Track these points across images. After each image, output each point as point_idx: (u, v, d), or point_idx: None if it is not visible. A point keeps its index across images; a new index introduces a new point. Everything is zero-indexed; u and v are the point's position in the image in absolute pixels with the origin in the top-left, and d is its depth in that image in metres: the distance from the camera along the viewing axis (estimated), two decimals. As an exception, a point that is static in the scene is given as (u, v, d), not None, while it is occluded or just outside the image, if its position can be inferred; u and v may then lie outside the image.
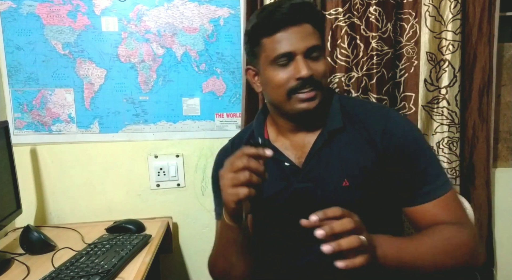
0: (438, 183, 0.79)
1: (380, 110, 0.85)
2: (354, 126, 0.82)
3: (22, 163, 1.27)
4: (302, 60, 0.76)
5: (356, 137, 0.81)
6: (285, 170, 0.83)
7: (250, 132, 0.92)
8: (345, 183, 0.79)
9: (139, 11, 1.28)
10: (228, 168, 0.67)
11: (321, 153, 0.82)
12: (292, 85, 0.77)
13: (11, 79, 1.26)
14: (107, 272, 0.87)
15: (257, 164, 0.66)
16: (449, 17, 1.25)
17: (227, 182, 0.67)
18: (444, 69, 1.28)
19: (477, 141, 1.34)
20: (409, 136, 0.81)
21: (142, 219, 1.26)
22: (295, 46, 0.76)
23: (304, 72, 0.75)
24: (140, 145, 1.34)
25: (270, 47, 0.78)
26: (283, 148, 0.86)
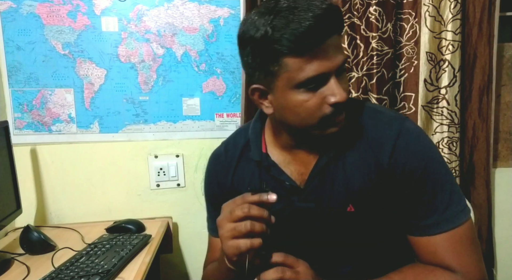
0: (446, 216, 0.68)
1: (392, 123, 0.71)
2: (363, 143, 0.71)
3: (22, 163, 1.27)
4: (335, 82, 0.63)
5: (364, 156, 0.71)
6: (286, 188, 0.74)
7: (245, 142, 0.80)
8: (349, 209, 0.71)
9: (139, 11, 1.28)
10: (227, 217, 0.60)
11: (326, 171, 0.72)
12: (326, 112, 0.64)
13: (11, 79, 1.26)
14: (107, 272, 0.87)
15: (260, 211, 0.59)
16: (449, 17, 1.25)
17: (226, 234, 0.60)
18: (444, 69, 1.28)
19: (477, 141, 1.34)
20: (420, 157, 0.69)
21: (142, 219, 1.26)
22: (328, 67, 0.62)
23: (341, 97, 0.63)
24: (140, 145, 1.34)
25: (296, 68, 0.61)
26: (284, 163, 0.75)
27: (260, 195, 0.60)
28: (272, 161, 0.75)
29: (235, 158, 0.80)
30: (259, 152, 0.76)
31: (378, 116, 0.73)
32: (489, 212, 1.36)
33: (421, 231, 0.69)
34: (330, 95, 0.63)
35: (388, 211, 0.72)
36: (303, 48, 0.60)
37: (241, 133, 0.84)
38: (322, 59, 0.61)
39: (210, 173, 0.85)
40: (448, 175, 0.71)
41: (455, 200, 0.69)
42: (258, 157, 0.76)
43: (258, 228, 0.59)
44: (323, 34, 0.60)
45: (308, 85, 0.63)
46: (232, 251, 0.60)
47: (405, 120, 0.73)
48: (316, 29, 0.59)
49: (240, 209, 0.59)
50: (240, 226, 0.59)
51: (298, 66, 0.61)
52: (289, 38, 0.59)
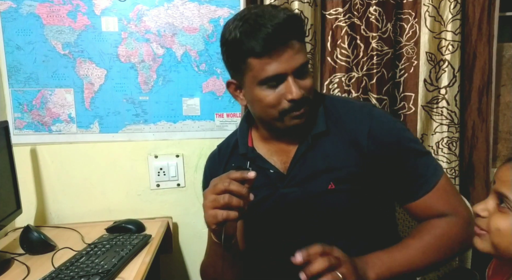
0: (430, 173, 0.79)
1: (363, 109, 0.83)
2: (338, 128, 0.81)
3: (22, 163, 1.27)
4: (292, 82, 0.73)
5: (340, 140, 0.80)
6: (270, 177, 0.83)
7: (235, 140, 0.90)
8: (330, 186, 0.79)
9: (139, 11, 1.28)
10: (211, 189, 0.68)
11: (306, 157, 0.81)
12: (284, 107, 0.75)
13: (11, 79, 1.26)
14: (107, 272, 0.87)
15: (239, 187, 0.66)
16: (449, 17, 1.25)
17: (208, 204, 0.67)
18: (443, 69, 1.28)
19: (477, 141, 1.34)
20: (394, 134, 0.80)
21: (142, 219, 1.26)
22: (285, 67, 0.72)
23: (296, 94, 0.73)
24: (140, 145, 1.34)
25: (258, 68, 0.73)
26: (268, 154, 0.85)
27: (242, 172, 0.67)
28: (258, 153, 0.85)
29: (226, 154, 0.91)
30: (245, 146, 0.86)
31: (349, 105, 0.85)
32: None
33: (414, 196, 0.79)
34: (287, 92, 0.74)
35: (367, 187, 0.80)
36: (263, 51, 0.71)
37: (233, 134, 0.95)
38: (280, 61, 0.72)
39: (206, 172, 0.96)
40: (417, 141, 0.84)
41: (430, 159, 0.81)
42: (244, 150, 0.86)
43: (235, 202, 0.66)
44: (280, 40, 0.71)
45: (268, 82, 0.74)
46: (211, 219, 0.67)
47: (374, 106, 0.87)
48: (274, 35, 0.70)
49: (222, 183, 0.66)
50: (219, 198, 0.66)
51: (260, 66, 0.72)
52: (252, 42, 0.71)
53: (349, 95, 1.29)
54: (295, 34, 0.73)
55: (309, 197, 0.80)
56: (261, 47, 0.70)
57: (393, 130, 0.80)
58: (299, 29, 0.76)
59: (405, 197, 0.81)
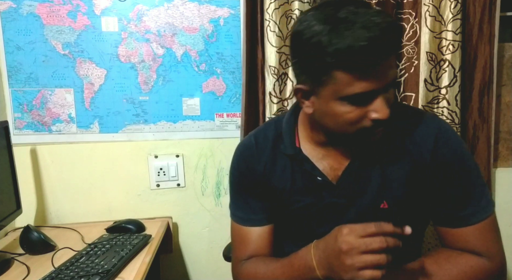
0: (479, 207, 0.72)
1: (431, 123, 0.73)
2: (401, 141, 0.73)
3: (22, 163, 1.27)
4: (382, 100, 0.62)
5: (402, 154, 0.72)
6: (317, 184, 0.75)
7: (277, 133, 0.80)
8: (383, 205, 0.72)
9: (139, 11, 1.28)
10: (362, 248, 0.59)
11: (361, 168, 0.73)
12: (366, 125, 0.65)
13: (11, 79, 1.26)
14: (107, 272, 0.87)
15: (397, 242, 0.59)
16: (449, 17, 1.25)
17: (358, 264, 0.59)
18: (444, 69, 1.27)
19: (477, 141, 1.34)
20: (459, 157, 0.72)
21: (142, 219, 1.26)
22: (377, 85, 0.61)
23: (384, 115, 0.62)
24: (140, 145, 1.34)
25: (344, 82, 0.61)
26: (317, 158, 0.76)
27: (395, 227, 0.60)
28: (305, 156, 0.75)
29: (267, 149, 0.80)
30: (292, 146, 0.76)
31: (416, 115, 0.75)
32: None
33: (458, 223, 0.72)
34: (373, 111, 0.63)
35: (420, 207, 0.74)
36: (355, 67, 0.59)
37: (270, 126, 0.83)
38: (373, 78, 0.60)
39: (239, 161, 0.83)
40: (478, 169, 0.75)
41: (485, 192, 0.74)
42: (292, 151, 0.76)
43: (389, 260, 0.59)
44: (377, 56, 0.59)
45: (354, 99, 0.62)
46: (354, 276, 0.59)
47: (440, 119, 0.77)
48: (371, 51, 0.57)
49: (379, 243, 0.59)
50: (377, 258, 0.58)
51: (347, 81, 0.61)
52: (342, 55, 0.58)
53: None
54: (393, 49, 0.62)
55: (357, 212, 0.73)
56: (353, 62, 0.59)
57: (457, 150, 0.73)
58: (397, 41, 0.64)
59: (445, 221, 0.74)
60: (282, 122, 0.81)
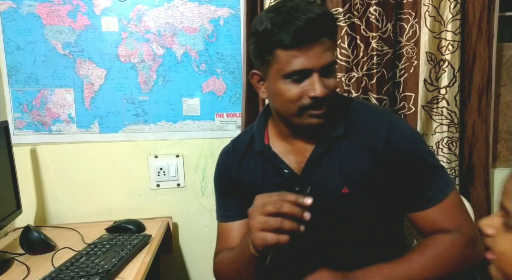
0: (440, 187, 0.78)
1: (383, 115, 0.82)
2: (356, 133, 0.80)
3: (22, 163, 1.27)
4: (317, 79, 0.72)
5: (358, 145, 0.79)
6: (285, 176, 0.82)
7: (251, 137, 0.89)
8: (344, 190, 0.78)
9: (139, 11, 1.28)
10: (259, 210, 0.64)
11: (321, 159, 0.80)
12: (305, 103, 0.74)
13: (11, 79, 1.26)
14: (107, 272, 0.87)
15: (292, 209, 0.62)
16: (449, 17, 1.25)
17: (257, 225, 0.64)
18: (443, 69, 1.28)
19: (477, 141, 1.34)
20: (412, 143, 0.79)
21: (142, 219, 1.26)
22: (312, 64, 0.71)
23: (320, 92, 0.71)
24: (140, 145, 1.34)
25: (284, 61, 0.72)
26: (284, 153, 0.84)
27: (297, 196, 0.63)
28: (273, 152, 0.83)
29: (241, 151, 0.89)
30: (262, 144, 0.85)
31: (370, 110, 0.84)
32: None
33: (422, 205, 0.78)
34: (310, 89, 0.72)
35: (381, 193, 0.79)
36: (292, 43, 0.70)
37: (248, 130, 0.94)
38: (308, 57, 0.71)
39: (220, 166, 0.94)
40: (433, 154, 0.83)
41: (443, 174, 0.80)
42: (261, 147, 0.84)
43: (287, 226, 0.62)
44: (312, 34, 0.70)
45: (293, 76, 0.72)
46: (260, 242, 0.64)
47: (394, 113, 0.86)
48: (306, 29, 0.69)
49: (273, 205, 0.62)
50: (270, 221, 0.62)
51: (287, 59, 0.72)
52: (282, 34, 0.70)
53: (349, 95, 1.29)
54: (327, 31, 0.72)
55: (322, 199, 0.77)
56: (291, 39, 0.70)
57: (410, 139, 0.80)
58: (332, 26, 0.74)
59: (411, 206, 0.80)
60: None
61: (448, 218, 0.77)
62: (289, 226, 0.62)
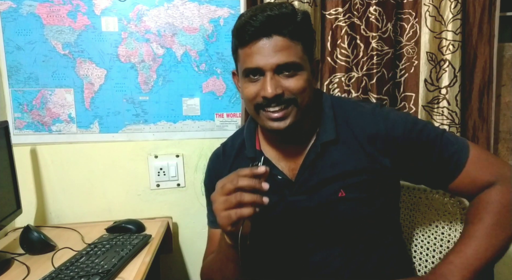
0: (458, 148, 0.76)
1: (373, 111, 0.80)
2: (348, 134, 0.78)
3: (22, 163, 1.27)
4: (268, 78, 0.71)
5: (350, 146, 0.78)
6: (279, 183, 0.80)
7: (241, 141, 0.87)
8: (341, 194, 0.77)
9: (139, 11, 1.28)
10: (219, 191, 0.64)
11: (315, 165, 0.78)
12: (258, 102, 0.74)
13: (11, 79, 1.26)
14: (107, 272, 0.87)
15: (249, 181, 0.62)
16: (449, 17, 1.25)
17: (219, 206, 0.64)
18: (444, 69, 1.28)
19: (477, 141, 1.34)
20: (408, 130, 0.77)
21: (142, 219, 1.26)
22: (263, 62, 0.71)
23: (267, 92, 0.70)
24: (140, 145, 1.34)
25: (242, 59, 0.74)
26: (276, 159, 0.82)
27: (251, 168, 0.63)
28: (266, 157, 0.81)
29: (231, 156, 0.88)
30: (253, 149, 0.83)
31: (359, 108, 0.81)
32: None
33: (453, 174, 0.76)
34: (262, 88, 0.72)
35: (377, 192, 0.78)
36: (246, 41, 0.72)
37: (238, 134, 0.92)
38: (260, 55, 0.71)
39: (210, 170, 0.93)
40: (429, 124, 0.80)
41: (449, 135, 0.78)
42: (252, 153, 0.83)
43: (247, 198, 0.61)
44: (263, 32, 0.70)
45: (250, 75, 0.73)
46: (225, 221, 0.63)
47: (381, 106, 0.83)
48: (258, 27, 0.70)
49: (230, 182, 0.63)
50: (230, 197, 0.62)
51: (243, 57, 0.74)
52: (240, 32, 0.72)
53: (349, 95, 1.29)
54: (282, 29, 0.70)
55: (318, 205, 0.78)
56: (244, 37, 0.71)
57: (405, 126, 0.77)
58: (290, 25, 0.71)
59: (444, 180, 0.78)
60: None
61: (484, 171, 0.75)
62: (249, 198, 0.61)
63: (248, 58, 0.72)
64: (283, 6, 0.72)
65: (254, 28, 0.70)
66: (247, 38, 0.71)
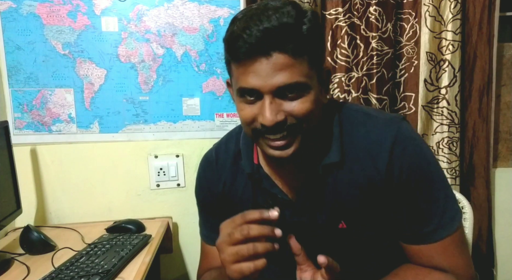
0: (441, 224, 0.67)
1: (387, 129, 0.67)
2: (353, 157, 0.67)
3: (22, 163, 1.27)
4: (267, 103, 0.58)
5: (355, 173, 0.67)
6: (279, 202, 0.70)
7: (237, 150, 0.76)
8: (341, 225, 0.69)
9: (139, 11, 1.28)
10: (226, 240, 0.57)
11: (315, 189, 0.69)
12: (257, 128, 0.62)
13: (11, 79, 1.26)
14: (107, 272, 0.87)
15: (261, 230, 0.55)
16: (449, 17, 1.25)
17: (228, 258, 0.57)
18: (444, 69, 1.28)
19: (477, 141, 1.34)
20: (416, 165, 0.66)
21: (142, 219, 1.26)
22: (260, 83, 0.58)
23: (266, 119, 0.58)
24: (140, 145, 1.34)
25: (236, 76, 0.61)
26: (276, 176, 0.72)
27: (261, 211, 0.56)
28: (264, 173, 0.72)
29: (226, 166, 0.77)
30: (250, 164, 0.73)
31: (371, 123, 0.69)
32: (489, 212, 1.36)
33: (418, 240, 0.69)
34: (259, 114, 0.60)
35: (381, 226, 0.70)
36: (240, 58, 0.59)
37: (232, 138, 0.80)
38: (256, 75, 0.58)
39: (201, 179, 0.82)
40: (444, 180, 0.70)
41: (449, 206, 0.68)
42: (249, 169, 0.73)
43: (261, 250, 0.55)
44: (260, 50, 0.57)
45: (245, 95, 0.61)
46: (236, 275, 0.57)
47: (401, 124, 0.68)
48: (254, 42, 0.56)
49: (239, 231, 0.56)
50: (242, 250, 0.56)
51: (237, 74, 0.61)
52: (233, 46, 0.59)
53: (349, 95, 1.29)
54: (283, 46, 0.57)
55: (317, 231, 0.71)
56: (238, 54, 0.58)
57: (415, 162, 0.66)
58: (293, 40, 0.57)
59: (407, 238, 0.70)
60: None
61: (447, 257, 0.68)
62: (263, 249, 0.55)
63: (242, 76, 0.59)
64: (284, 13, 0.57)
65: (248, 45, 0.57)
66: (241, 56, 0.58)
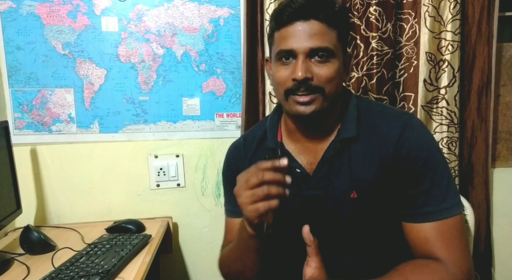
0: (442, 207, 0.73)
1: (399, 118, 0.78)
2: (369, 135, 0.77)
3: (22, 163, 1.27)
4: (300, 61, 0.72)
5: (369, 149, 0.77)
6: (296, 176, 0.79)
7: (263, 132, 0.88)
8: (353, 195, 0.76)
9: (139, 11, 1.28)
10: (243, 186, 0.65)
11: (333, 161, 0.78)
12: (289, 86, 0.74)
13: (11, 79, 1.26)
14: (107, 272, 0.87)
15: (274, 175, 0.63)
16: (449, 18, 1.25)
17: (245, 200, 0.65)
18: (443, 69, 1.28)
19: (476, 141, 1.34)
20: (423, 151, 0.74)
21: (142, 219, 1.26)
22: (297, 45, 0.72)
23: (297, 74, 0.71)
24: (140, 145, 1.34)
25: (277, 41, 0.75)
26: (296, 152, 0.83)
27: (273, 161, 0.64)
28: (286, 150, 0.83)
29: (252, 147, 0.88)
30: (274, 141, 0.84)
31: (386, 113, 0.80)
32: (488, 212, 1.36)
33: (416, 219, 0.74)
34: (293, 71, 0.73)
35: (389, 198, 0.77)
36: (283, 23, 0.73)
37: (259, 126, 0.93)
38: (295, 37, 0.72)
39: (230, 160, 0.93)
40: (447, 170, 0.77)
41: (450, 194, 0.74)
42: (274, 144, 0.84)
43: (274, 191, 0.63)
44: (301, 15, 0.71)
45: (283, 57, 0.74)
46: (253, 214, 0.65)
47: (412, 116, 0.80)
48: (296, 9, 0.71)
49: (255, 176, 0.64)
50: (258, 191, 0.64)
51: (278, 39, 0.75)
52: (278, 15, 0.74)
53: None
54: (319, 14, 0.71)
55: (331, 202, 0.78)
56: (282, 19, 0.73)
57: (423, 146, 0.75)
58: (327, 11, 0.72)
59: (408, 216, 0.76)
60: None
61: (443, 242, 0.71)
62: (276, 191, 0.63)
63: (283, 40, 0.73)
64: None
65: (292, 10, 0.71)
66: (284, 19, 0.72)
